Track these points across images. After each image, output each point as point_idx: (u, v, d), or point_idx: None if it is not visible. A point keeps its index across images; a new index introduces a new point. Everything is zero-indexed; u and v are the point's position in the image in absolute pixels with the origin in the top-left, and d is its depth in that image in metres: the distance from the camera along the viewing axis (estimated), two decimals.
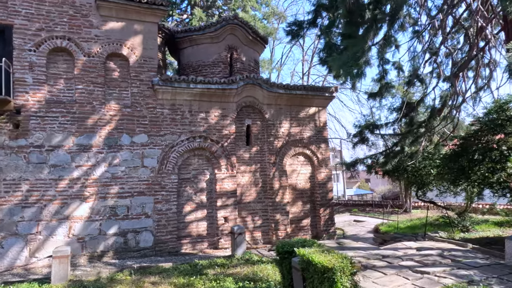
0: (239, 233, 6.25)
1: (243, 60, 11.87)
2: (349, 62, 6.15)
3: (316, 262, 3.45)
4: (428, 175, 10.33)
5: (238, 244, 6.23)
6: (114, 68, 9.01)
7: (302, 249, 3.83)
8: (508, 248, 5.37)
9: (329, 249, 3.96)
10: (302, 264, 3.67)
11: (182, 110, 9.55)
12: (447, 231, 9.43)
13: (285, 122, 10.85)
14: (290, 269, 4.03)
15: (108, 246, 8.44)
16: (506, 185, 8.00)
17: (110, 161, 8.65)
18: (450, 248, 6.84)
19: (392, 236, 8.11)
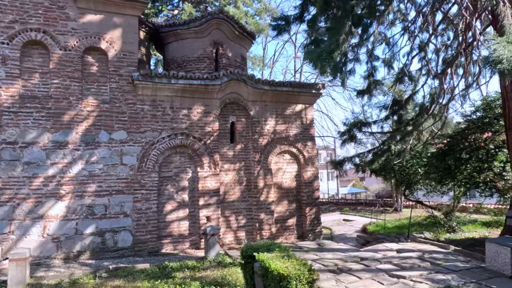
0: (211, 234, 6.04)
1: (229, 56, 11.61)
2: (323, 55, 5.93)
3: (272, 269, 3.25)
4: (416, 174, 10.16)
5: (211, 246, 6.02)
6: (92, 63, 8.73)
7: (262, 254, 3.62)
8: (488, 251, 5.19)
9: (292, 254, 3.76)
10: (261, 270, 3.47)
11: (163, 106, 9.29)
12: (433, 232, 9.27)
13: (270, 119, 10.63)
14: (253, 274, 3.83)
15: (85, 246, 8.19)
16: (492, 184, 7.84)
17: (87, 159, 8.38)
18: (431, 250, 6.66)
19: (375, 237, 7.94)
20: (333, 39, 5.99)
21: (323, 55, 5.96)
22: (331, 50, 5.98)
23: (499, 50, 4.72)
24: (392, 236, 8.44)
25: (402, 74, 12.79)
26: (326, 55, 5.95)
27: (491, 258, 5.11)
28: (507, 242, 4.97)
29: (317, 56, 6.09)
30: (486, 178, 7.80)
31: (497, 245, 5.03)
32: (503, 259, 4.94)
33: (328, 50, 5.93)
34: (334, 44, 6.00)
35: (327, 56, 5.96)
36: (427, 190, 10.44)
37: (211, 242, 6.05)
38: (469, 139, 8.29)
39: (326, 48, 5.93)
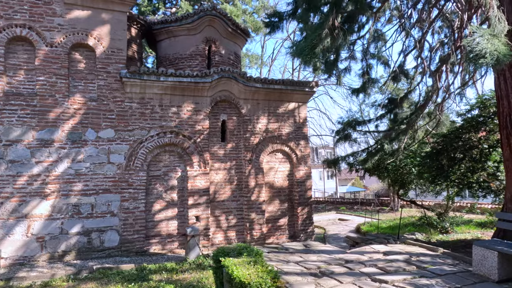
0: (192, 235, 5.90)
1: (222, 53, 11.45)
2: (305, 50, 5.76)
3: (234, 276, 3.10)
4: (410, 174, 9.98)
5: (191, 247, 5.88)
6: (80, 60, 8.59)
7: (228, 259, 3.47)
8: (475, 255, 5.00)
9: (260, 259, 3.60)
10: (226, 276, 3.33)
11: (152, 104, 9.15)
12: (426, 233, 9.10)
13: (262, 117, 10.47)
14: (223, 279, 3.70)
15: (70, 246, 8.07)
16: (486, 185, 7.66)
17: (73, 157, 8.26)
18: (420, 252, 6.48)
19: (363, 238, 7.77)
20: (315, 33, 5.83)
21: (305, 50, 5.79)
22: (313, 45, 5.81)
23: (481, 44, 4.53)
24: (381, 237, 8.28)
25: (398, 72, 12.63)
26: (308, 50, 5.78)
27: (478, 262, 4.92)
28: (494, 246, 4.79)
29: (300, 51, 5.93)
30: (479, 179, 7.62)
31: (484, 249, 4.85)
32: (490, 263, 4.77)
33: (310, 45, 5.76)
34: (316, 39, 5.84)
35: (309, 51, 5.80)
36: (421, 190, 10.26)
37: (191, 244, 5.91)
38: (463, 138, 8.10)
39: (308, 43, 5.77)
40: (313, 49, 5.79)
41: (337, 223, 14.69)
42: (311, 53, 5.79)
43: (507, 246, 4.71)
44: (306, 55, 5.79)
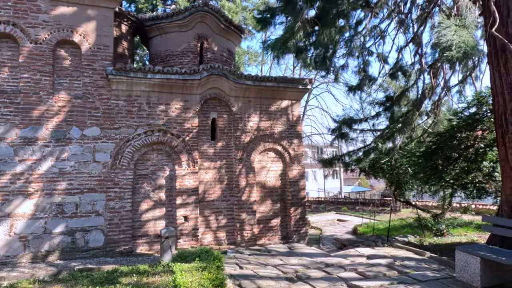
0: (166, 236, 5.72)
1: (215, 50, 11.25)
2: (277, 44, 5.52)
3: (177, 284, 2.91)
4: (405, 174, 9.65)
5: (165, 249, 5.70)
6: (65, 56, 8.46)
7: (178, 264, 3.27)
8: (458, 260, 4.68)
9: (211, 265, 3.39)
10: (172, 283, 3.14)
11: (139, 102, 8.98)
12: (420, 235, 8.77)
13: (254, 115, 10.23)
14: None
15: (54, 246, 7.95)
16: (481, 186, 7.31)
17: (57, 155, 8.14)
18: (405, 256, 6.18)
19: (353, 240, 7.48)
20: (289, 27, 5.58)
21: (277, 45, 5.55)
22: (285, 39, 5.56)
23: (447, 36, 4.21)
24: (371, 239, 7.97)
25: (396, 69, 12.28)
26: (280, 45, 5.54)
27: (460, 268, 4.61)
28: (477, 251, 4.47)
29: (272, 45, 5.69)
30: (474, 179, 7.28)
31: (467, 254, 4.54)
32: (473, 270, 4.46)
33: (282, 39, 5.52)
34: (289, 33, 5.59)
35: (281, 45, 5.55)
36: (417, 190, 9.91)
37: (165, 246, 5.73)
38: (458, 137, 7.76)
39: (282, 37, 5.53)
40: (285, 43, 5.54)
41: (335, 224, 14.40)
42: (283, 47, 5.54)
43: (490, 251, 4.41)
44: (278, 49, 5.54)
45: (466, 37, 4.17)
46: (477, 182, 7.31)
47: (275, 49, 5.57)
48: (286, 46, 5.61)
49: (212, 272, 3.19)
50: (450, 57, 4.15)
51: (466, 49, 4.13)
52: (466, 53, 4.17)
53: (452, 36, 4.14)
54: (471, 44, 4.18)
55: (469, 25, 4.38)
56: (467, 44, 4.15)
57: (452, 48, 4.12)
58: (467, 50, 4.14)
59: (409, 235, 8.88)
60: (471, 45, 4.18)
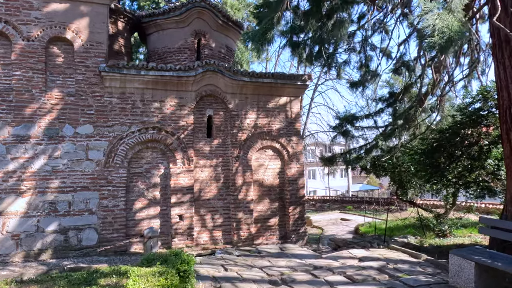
0: (149, 237, 5.56)
1: (212, 46, 11.07)
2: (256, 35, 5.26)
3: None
4: (408, 172, 9.30)
5: (148, 250, 5.53)
6: (58, 54, 8.38)
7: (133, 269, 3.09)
8: (452, 265, 4.37)
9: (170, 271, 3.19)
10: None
11: (133, 99, 8.86)
12: (421, 236, 8.43)
13: (251, 112, 10.01)
14: None
15: (47, 244, 7.90)
16: (485, 185, 6.95)
17: (50, 153, 8.07)
18: (400, 259, 5.87)
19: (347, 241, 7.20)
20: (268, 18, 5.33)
21: (256, 36, 5.29)
22: (265, 30, 5.30)
23: (429, 20, 3.88)
24: (367, 240, 7.67)
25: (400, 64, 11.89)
26: (259, 36, 5.29)
27: (454, 273, 4.30)
28: (471, 256, 4.16)
29: (252, 37, 5.44)
30: (478, 178, 6.92)
31: (461, 258, 4.24)
32: (467, 275, 4.15)
33: (262, 30, 5.26)
34: (269, 23, 5.33)
35: (260, 36, 5.30)
36: (420, 189, 9.55)
37: (148, 246, 5.57)
38: (461, 134, 7.40)
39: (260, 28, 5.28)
40: (264, 34, 5.28)
41: (338, 223, 14.10)
42: (262, 38, 5.29)
43: (487, 256, 4.09)
44: (257, 41, 5.29)
45: (450, 21, 3.85)
46: (481, 181, 6.95)
47: (255, 40, 5.34)
48: (265, 37, 5.36)
49: (170, 278, 3.01)
50: (432, 44, 3.84)
51: (450, 34, 3.81)
52: (450, 39, 3.85)
53: (434, 20, 3.83)
54: (456, 28, 3.85)
55: (455, 8, 4.05)
56: (451, 29, 3.83)
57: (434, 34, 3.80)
58: (451, 35, 3.82)
59: (409, 236, 8.55)
60: (456, 30, 3.85)
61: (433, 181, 7.71)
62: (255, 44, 5.53)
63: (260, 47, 5.75)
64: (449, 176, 7.29)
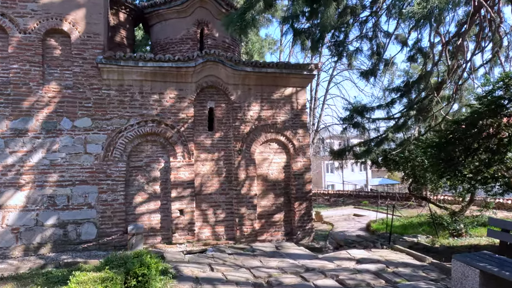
0: (133, 233, 5.32)
1: (216, 36, 10.71)
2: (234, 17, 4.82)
3: None
4: (421, 166, 8.66)
5: (133, 247, 5.29)
6: (55, 46, 8.27)
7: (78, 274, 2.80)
8: (454, 272, 3.85)
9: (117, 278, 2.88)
10: None
11: (132, 92, 8.66)
12: (434, 235, 7.82)
13: (254, 104, 9.62)
14: None
15: (46, 238, 7.88)
16: (504, 181, 6.29)
17: (48, 147, 8.01)
18: (402, 262, 5.35)
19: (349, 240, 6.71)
20: None
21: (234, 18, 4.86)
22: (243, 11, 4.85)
23: None
24: (370, 240, 7.14)
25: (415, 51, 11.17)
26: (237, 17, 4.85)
27: (457, 280, 3.79)
28: (476, 262, 3.64)
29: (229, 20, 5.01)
30: (496, 173, 6.27)
31: (464, 265, 3.72)
32: (471, 284, 3.63)
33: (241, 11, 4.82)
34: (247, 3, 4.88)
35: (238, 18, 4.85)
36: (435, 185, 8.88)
37: (132, 243, 5.34)
38: (479, 124, 6.72)
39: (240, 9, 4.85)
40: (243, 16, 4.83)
41: (350, 219, 13.55)
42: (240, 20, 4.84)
43: (494, 263, 3.55)
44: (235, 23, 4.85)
45: None
46: (500, 176, 6.30)
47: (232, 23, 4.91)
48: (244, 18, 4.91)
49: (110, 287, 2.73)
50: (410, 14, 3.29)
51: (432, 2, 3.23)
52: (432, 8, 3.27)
53: None
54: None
55: None
56: None
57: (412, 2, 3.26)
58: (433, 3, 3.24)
59: (419, 235, 7.96)
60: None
61: (446, 176, 7.09)
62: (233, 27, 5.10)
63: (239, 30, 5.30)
64: (464, 171, 6.65)
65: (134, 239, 5.44)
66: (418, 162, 8.85)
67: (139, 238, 5.54)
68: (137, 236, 5.35)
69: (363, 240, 7.15)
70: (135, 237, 5.40)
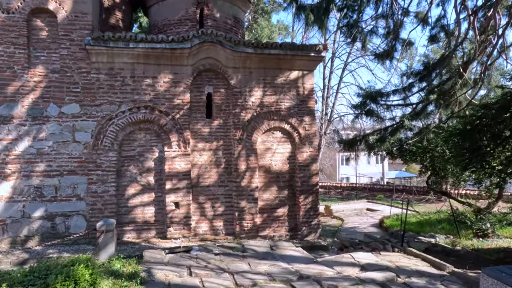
0: (103, 230, 4.71)
1: (217, 17, 9.93)
2: None
3: None
4: (442, 157, 7.71)
5: (102, 246, 4.70)
6: (41, 27, 7.74)
7: None
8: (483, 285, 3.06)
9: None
10: None
11: (123, 76, 8.06)
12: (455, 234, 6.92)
13: (256, 89, 8.85)
14: None
15: (33, 231, 7.48)
16: None
17: (34, 135, 7.55)
18: (417, 270, 4.50)
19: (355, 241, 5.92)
20: None
21: None
22: None
23: None
24: (380, 240, 6.29)
25: (437, 29, 10.03)
26: None
27: None
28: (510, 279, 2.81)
29: None
30: None
31: (498, 283, 2.91)
32: None
33: None
34: None
35: None
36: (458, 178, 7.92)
37: (101, 242, 4.74)
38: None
39: None
40: None
41: (362, 214, 12.70)
42: None
43: None
44: None
45: None
46: None
47: None
48: None
49: None
50: None
51: None
52: None
53: None
54: None
55: None
56: None
57: None
58: None
59: (438, 235, 7.06)
60: None
61: (471, 168, 6.16)
62: None
63: None
64: (493, 163, 5.72)
65: (102, 238, 4.82)
66: (438, 153, 7.90)
67: (109, 236, 4.94)
68: (106, 234, 4.76)
69: (371, 240, 6.35)
70: (104, 235, 4.79)
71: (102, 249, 4.90)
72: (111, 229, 5.08)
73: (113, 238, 5.04)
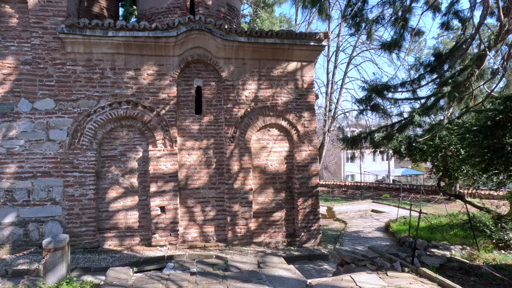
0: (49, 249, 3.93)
1: (209, 4, 9.15)
2: None
3: None
4: (456, 156, 6.89)
5: (50, 268, 3.94)
6: (11, 14, 7.02)
7: None
8: None
9: None
10: None
11: (102, 67, 7.32)
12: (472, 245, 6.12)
13: (250, 82, 8.08)
14: None
15: (3, 239, 6.82)
16: None
17: (4, 133, 6.86)
18: None
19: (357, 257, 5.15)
20: None
21: None
22: None
23: None
24: (386, 255, 5.47)
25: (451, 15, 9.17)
26: None
27: None
28: None
29: None
30: None
31: None
32: None
33: None
34: None
35: None
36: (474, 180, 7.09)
37: (50, 261, 3.97)
38: None
39: None
40: None
41: (367, 216, 11.90)
42: None
43: None
44: None
45: None
46: None
47: None
48: None
49: None
50: None
51: None
52: None
53: None
54: None
55: None
56: None
57: None
58: None
59: (453, 246, 6.25)
60: None
61: (493, 170, 5.36)
62: None
63: None
64: None
65: (48, 257, 3.98)
66: (451, 152, 7.09)
67: (58, 256, 4.10)
68: (55, 253, 3.92)
69: (376, 255, 5.57)
70: (51, 254, 3.98)
71: (50, 271, 4.09)
72: (61, 247, 4.29)
73: (64, 257, 4.26)
